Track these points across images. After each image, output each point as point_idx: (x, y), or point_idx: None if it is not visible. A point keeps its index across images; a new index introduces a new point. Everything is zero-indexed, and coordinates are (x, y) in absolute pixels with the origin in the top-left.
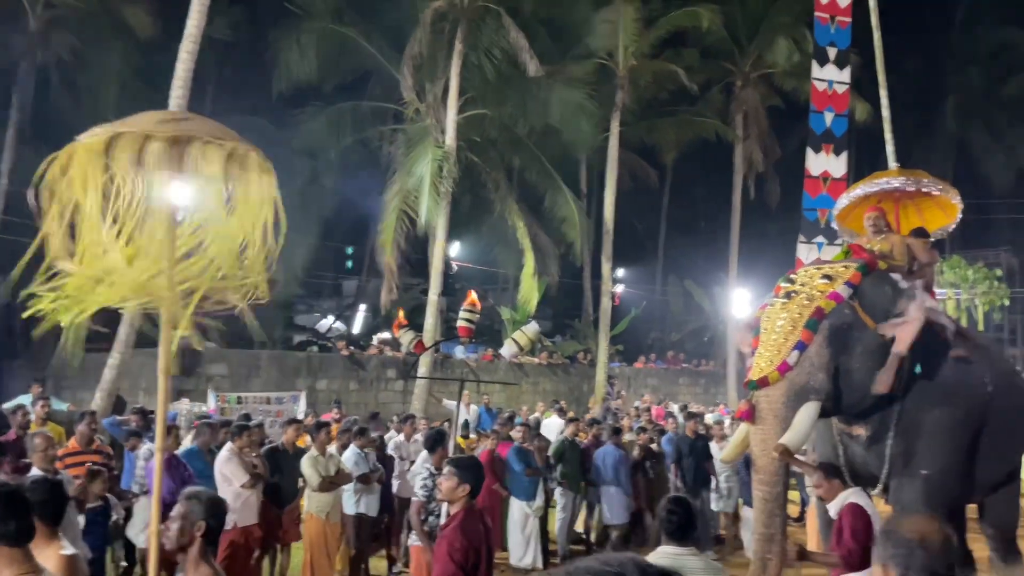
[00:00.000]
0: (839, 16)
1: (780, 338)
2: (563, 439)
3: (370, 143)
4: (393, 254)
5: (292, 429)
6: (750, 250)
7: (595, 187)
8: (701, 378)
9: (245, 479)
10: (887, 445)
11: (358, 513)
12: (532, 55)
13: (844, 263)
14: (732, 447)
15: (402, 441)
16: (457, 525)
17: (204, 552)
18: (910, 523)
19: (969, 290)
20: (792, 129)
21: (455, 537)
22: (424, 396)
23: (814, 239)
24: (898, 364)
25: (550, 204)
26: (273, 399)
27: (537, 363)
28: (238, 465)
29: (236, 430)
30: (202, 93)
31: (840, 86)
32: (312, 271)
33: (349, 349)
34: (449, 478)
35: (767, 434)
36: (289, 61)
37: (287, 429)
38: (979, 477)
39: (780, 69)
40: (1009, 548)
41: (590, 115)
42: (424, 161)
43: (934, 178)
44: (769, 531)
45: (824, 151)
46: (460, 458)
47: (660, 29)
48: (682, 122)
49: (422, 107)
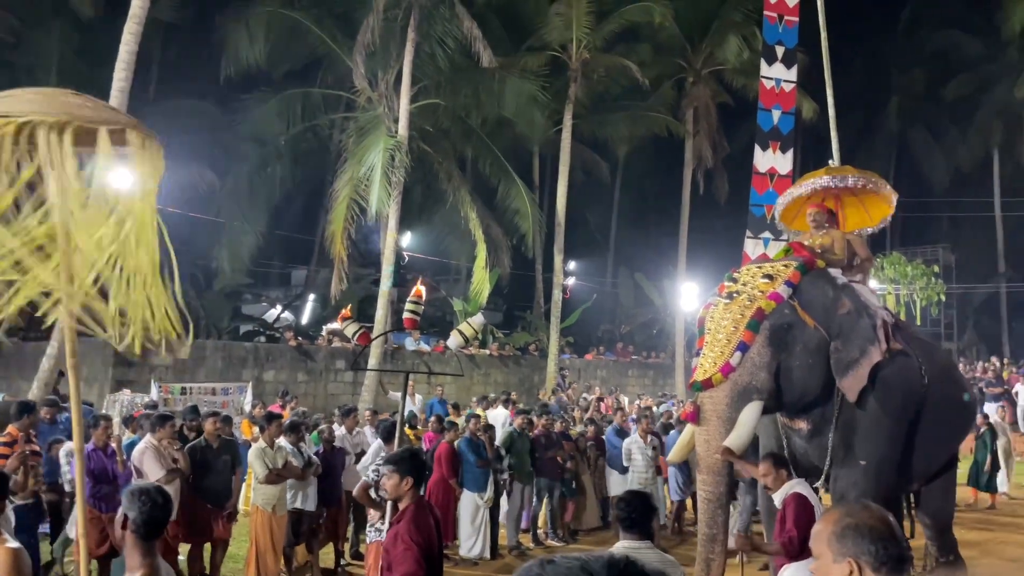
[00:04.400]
0: (787, 15)
1: (723, 339)
2: (512, 430)
3: (320, 131)
4: (343, 244)
5: (211, 422)
6: (699, 244)
7: (548, 179)
8: (650, 370)
9: (161, 474)
10: (828, 438)
11: (294, 508)
12: (486, 45)
13: (784, 261)
14: (678, 448)
15: (344, 434)
16: (409, 519)
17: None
18: (870, 514)
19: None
20: (741, 126)
21: (410, 531)
22: (374, 388)
23: (761, 234)
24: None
25: (503, 195)
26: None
27: (488, 354)
28: (154, 459)
29: (157, 421)
30: (146, 76)
31: (787, 84)
32: (260, 260)
33: (297, 340)
34: (391, 476)
35: (711, 435)
36: (237, 45)
37: (206, 422)
38: (916, 467)
39: (730, 66)
40: (944, 536)
41: (543, 107)
42: (376, 150)
43: (861, 172)
44: (712, 531)
45: (771, 148)
46: (395, 454)
47: (613, 23)
48: (634, 116)
49: (374, 95)
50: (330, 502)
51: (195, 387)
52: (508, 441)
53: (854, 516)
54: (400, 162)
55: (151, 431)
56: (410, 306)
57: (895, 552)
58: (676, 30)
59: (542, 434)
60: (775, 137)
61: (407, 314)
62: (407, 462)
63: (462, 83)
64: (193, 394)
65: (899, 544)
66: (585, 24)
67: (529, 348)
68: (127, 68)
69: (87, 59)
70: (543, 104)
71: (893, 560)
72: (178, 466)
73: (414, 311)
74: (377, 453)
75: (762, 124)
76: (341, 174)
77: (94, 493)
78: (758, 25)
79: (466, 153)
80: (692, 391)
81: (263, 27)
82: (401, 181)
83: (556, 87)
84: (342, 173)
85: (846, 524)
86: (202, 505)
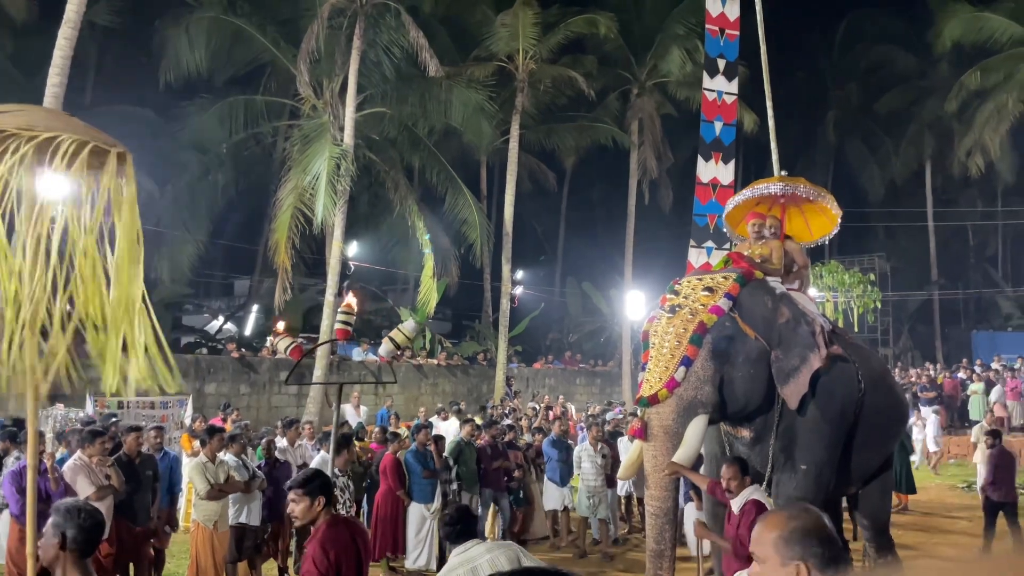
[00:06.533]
0: (728, 29)
1: (668, 353)
2: (459, 439)
3: (264, 138)
4: (288, 253)
5: (132, 437)
6: (644, 253)
7: (495, 189)
8: (597, 378)
9: (91, 490)
10: (770, 445)
11: (239, 523)
12: (432, 55)
13: (724, 273)
14: (626, 465)
15: (286, 446)
16: (318, 541)
17: (74, 564)
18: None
19: (846, 293)
20: (684, 137)
21: (315, 553)
22: (320, 400)
23: (704, 244)
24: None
25: (450, 205)
26: (158, 404)
27: (436, 364)
28: (84, 476)
29: (87, 437)
30: (82, 81)
31: (729, 96)
32: (201, 270)
33: (240, 351)
34: (300, 500)
35: (659, 450)
36: (177, 51)
37: (127, 438)
38: (854, 470)
39: (674, 79)
40: (881, 537)
41: (490, 117)
42: (321, 158)
43: (812, 185)
44: (659, 547)
45: (714, 159)
46: (297, 478)
47: (559, 34)
48: (580, 127)
49: (319, 103)
50: (272, 517)
51: (132, 401)
52: (455, 451)
53: (799, 519)
54: (346, 171)
55: (80, 447)
56: (342, 316)
57: (836, 553)
58: (621, 42)
59: (488, 444)
60: (717, 148)
61: (339, 325)
62: (313, 482)
63: (409, 92)
64: (131, 408)
65: (838, 545)
66: (531, 35)
67: (478, 358)
68: (61, 73)
69: (21, 65)
70: (490, 114)
71: (836, 561)
72: (110, 483)
73: (346, 322)
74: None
75: (704, 135)
76: (285, 183)
77: (23, 511)
78: (700, 39)
79: (413, 162)
80: (639, 406)
81: (204, 33)
82: (347, 190)
83: (503, 97)
84: (286, 182)
85: (792, 528)
86: (126, 524)
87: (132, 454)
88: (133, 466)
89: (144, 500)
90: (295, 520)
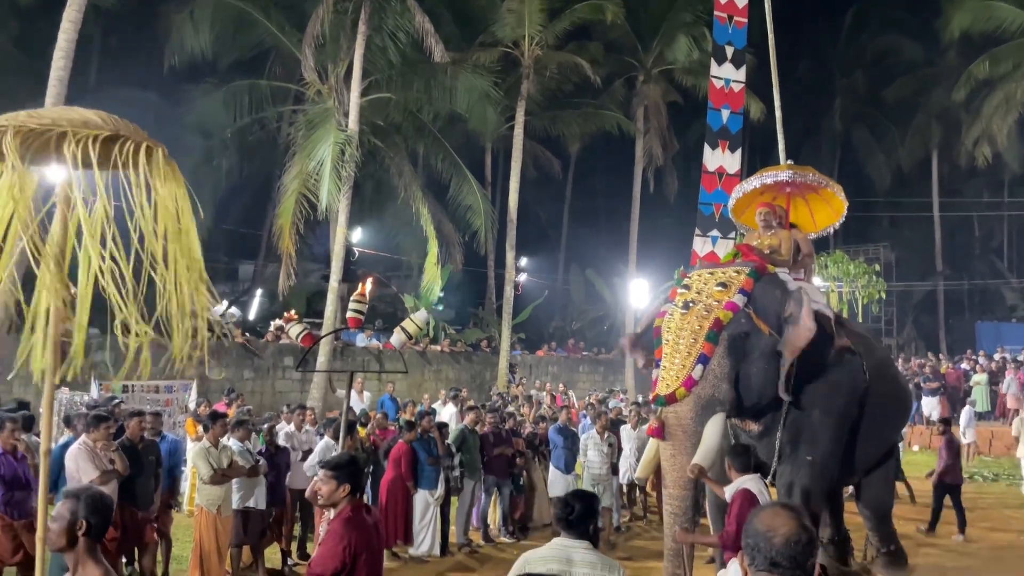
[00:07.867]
0: (736, 16)
1: (684, 351)
2: (463, 427)
3: (268, 123)
4: (292, 238)
5: (135, 422)
6: (649, 241)
7: (500, 176)
8: (600, 366)
9: (95, 475)
10: (776, 437)
11: (244, 507)
12: (438, 40)
13: (736, 267)
14: (644, 464)
15: (293, 431)
16: (345, 517)
17: (90, 550)
18: (764, 515)
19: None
20: (690, 125)
21: (343, 527)
22: (324, 385)
23: (709, 232)
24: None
25: (455, 191)
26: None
27: (440, 351)
28: (89, 460)
29: (92, 421)
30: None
31: (736, 84)
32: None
33: (244, 336)
34: (327, 481)
35: (677, 450)
36: (182, 34)
37: (129, 423)
38: (857, 460)
39: (680, 66)
40: (884, 526)
41: (495, 103)
42: (325, 144)
43: (820, 175)
44: (678, 546)
45: (720, 147)
46: (333, 459)
47: (565, 21)
48: (585, 114)
49: (324, 88)
50: (274, 501)
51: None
52: (459, 438)
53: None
54: (350, 156)
55: (85, 431)
56: (354, 305)
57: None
58: (627, 29)
59: (491, 431)
60: (724, 136)
61: (351, 313)
62: (345, 469)
63: (414, 78)
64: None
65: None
66: (537, 21)
67: (481, 344)
68: (66, 56)
69: (26, 48)
70: (495, 100)
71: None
72: (114, 467)
73: (358, 310)
74: (325, 451)
75: (711, 123)
76: (290, 168)
77: (6, 500)
78: (708, 26)
79: (418, 148)
80: (655, 405)
81: (208, 16)
82: (351, 176)
83: (508, 83)
84: (291, 167)
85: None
86: (130, 510)
87: (135, 439)
88: (136, 451)
89: (147, 485)
90: (319, 500)
